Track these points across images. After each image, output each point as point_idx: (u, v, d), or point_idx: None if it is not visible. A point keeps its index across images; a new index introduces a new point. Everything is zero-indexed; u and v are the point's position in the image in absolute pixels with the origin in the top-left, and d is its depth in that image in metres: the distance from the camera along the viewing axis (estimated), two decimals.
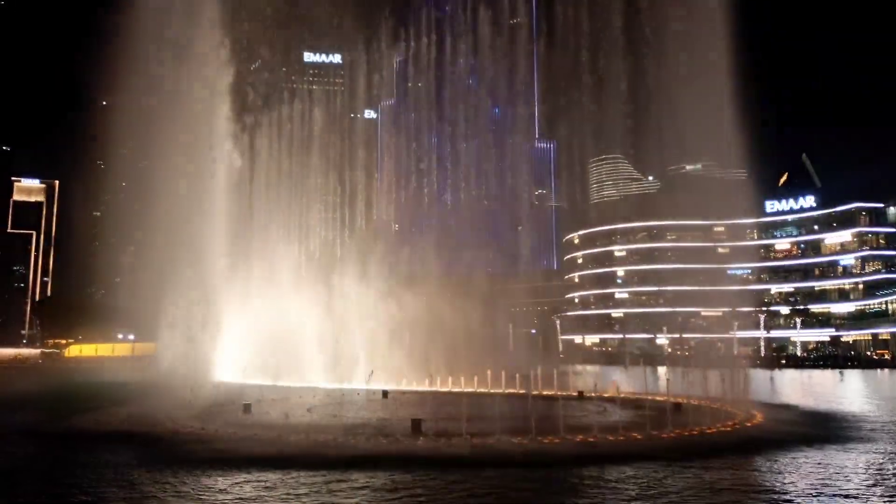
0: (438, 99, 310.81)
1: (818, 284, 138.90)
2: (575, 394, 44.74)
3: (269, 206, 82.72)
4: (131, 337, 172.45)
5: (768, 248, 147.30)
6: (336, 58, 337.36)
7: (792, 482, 17.23)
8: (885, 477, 18.15)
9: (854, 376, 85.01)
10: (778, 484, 17.16)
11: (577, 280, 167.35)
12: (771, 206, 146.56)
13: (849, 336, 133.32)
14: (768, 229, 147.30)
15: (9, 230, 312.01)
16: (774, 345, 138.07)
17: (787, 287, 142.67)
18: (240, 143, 74.75)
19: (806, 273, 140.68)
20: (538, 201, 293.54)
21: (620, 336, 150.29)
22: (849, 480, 17.57)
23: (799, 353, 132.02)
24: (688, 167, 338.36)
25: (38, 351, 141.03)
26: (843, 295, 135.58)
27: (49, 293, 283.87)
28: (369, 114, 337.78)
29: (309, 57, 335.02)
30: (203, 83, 68.80)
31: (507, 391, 44.71)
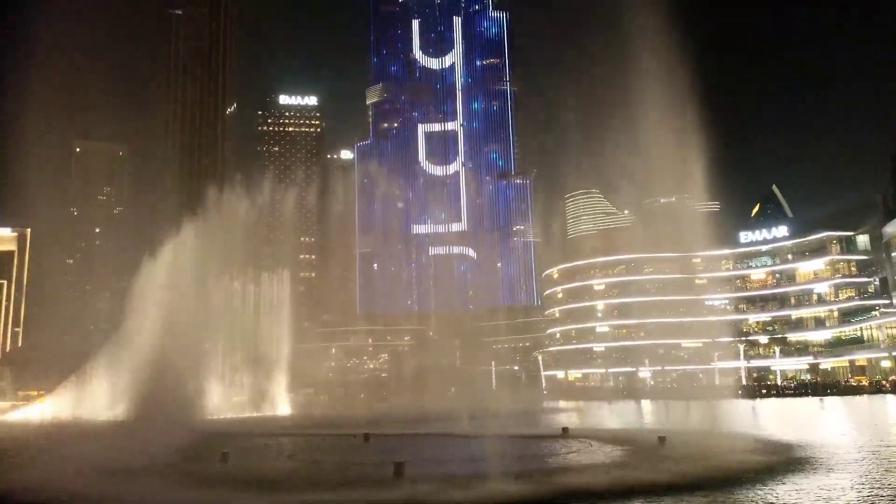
0: (412, 138, 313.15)
1: (794, 313, 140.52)
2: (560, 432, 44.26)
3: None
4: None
5: (744, 277, 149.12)
6: (312, 100, 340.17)
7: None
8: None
9: (835, 403, 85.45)
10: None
11: (557, 315, 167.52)
12: (745, 236, 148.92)
13: (827, 363, 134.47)
14: (743, 259, 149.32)
15: None
16: (755, 374, 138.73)
17: (765, 316, 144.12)
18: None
19: (782, 302, 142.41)
20: (517, 236, 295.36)
21: (603, 370, 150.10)
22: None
23: (779, 382, 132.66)
24: (662, 200, 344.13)
25: (9, 404, 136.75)
26: (819, 322, 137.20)
27: (20, 343, 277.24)
28: (346, 154, 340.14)
29: (284, 99, 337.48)
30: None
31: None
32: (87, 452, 32.55)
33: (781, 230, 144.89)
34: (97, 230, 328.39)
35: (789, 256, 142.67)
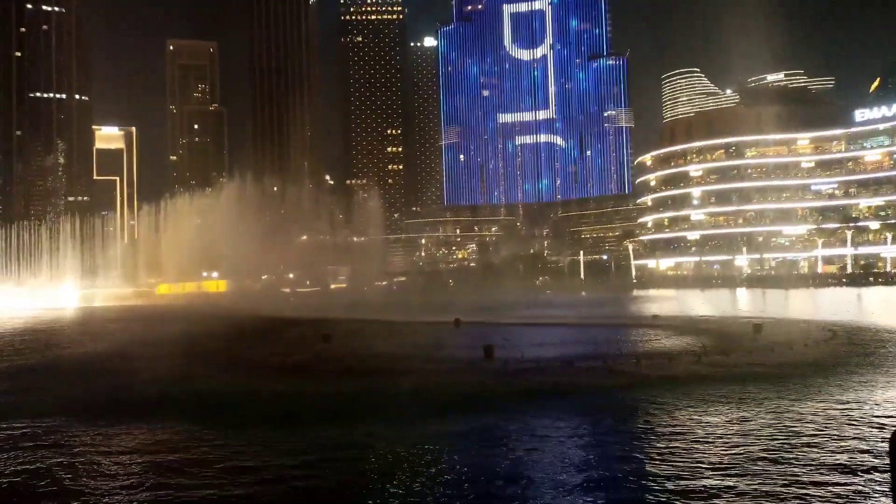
0: (497, 20, 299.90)
1: None
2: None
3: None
4: (215, 275, 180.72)
5: (857, 159, 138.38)
6: None
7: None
8: None
9: None
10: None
11: (649, 203, 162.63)
12: (861, 115, 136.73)
13: None
14: (857, 139, 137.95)
15: (95, 177, 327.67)
16: (862, 262, 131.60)
17: (878, 200, 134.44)
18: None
19: None
20: (609, 122, 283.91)
21: (696, 259, 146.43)
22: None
23: (889, 269, 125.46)
24: (769, 77, 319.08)
25: (131, 290, 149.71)
26: None
27: (136, 236, 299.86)
28: (429, 41, 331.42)
29: None
30: None
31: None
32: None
33: None
34: (196, 126, 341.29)
35: None
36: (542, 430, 14.17)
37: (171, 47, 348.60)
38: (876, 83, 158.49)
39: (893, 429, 12.04)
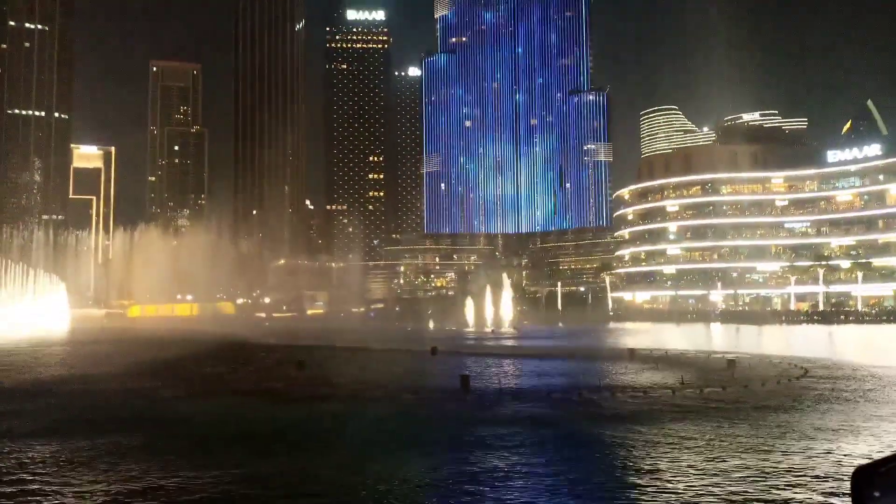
0: (481, 53, 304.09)
1: (882, 237, 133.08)
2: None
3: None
4: (189, 297, 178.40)
5: (829, 199, 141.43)
6: (379, 14, 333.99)
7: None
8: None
9: None
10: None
11: (627, 236, 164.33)
12: (833, 155, 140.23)
13: None
14: (829, 179, 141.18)
15: (70, 196, 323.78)
16: (833, 300, 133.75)
17: (849, 240, 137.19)
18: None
19: (869, 225, 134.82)
20: (588, 156, 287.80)
21: (672, 293, 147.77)
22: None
23: (860, 308, 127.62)
24: (745, 117, 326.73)
25: (103, 311, 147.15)
26: None
27: (110, 256, 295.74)
28: (413, 71, 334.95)
29: (352, 14, 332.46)
30: None
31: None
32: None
33: (874, 148, 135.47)
34: (176, 148, 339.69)
35: (881, 177, 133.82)
36: (506, 467, 14.03)
37: (155, 68, 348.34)
38: (848, 125, 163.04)
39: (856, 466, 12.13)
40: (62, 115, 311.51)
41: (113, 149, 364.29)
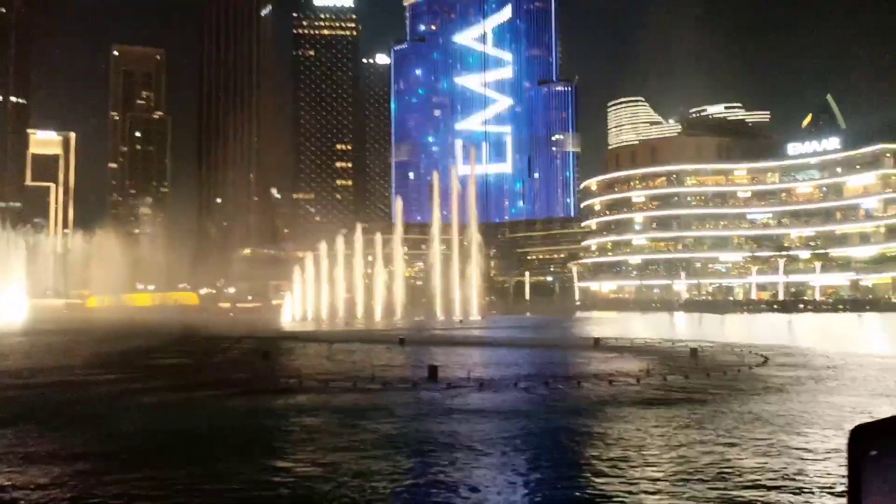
0: (450, 42, 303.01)
1: (839, 228, 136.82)
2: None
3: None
4: (151, 287, 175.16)
5: (790, 191, 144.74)
6: (347, 0, 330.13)
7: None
8: None
9: (874, 319, 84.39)
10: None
11: (594, 227, 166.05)
12: (794, 148, 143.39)
13: (869, 280, 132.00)
14: (790, 172, 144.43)
15: (27, 183, 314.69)
16: (793, 289, 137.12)
17: (808, 231, 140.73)
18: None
19: (827, 217, 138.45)
20: (556, 146, 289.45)
21: (637, 283, 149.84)
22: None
23: (818, 298, 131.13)
24: (709, 109, 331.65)
25: (62, 302, 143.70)
26: (864, 239, 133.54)
27: (69, 245, 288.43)
28: (382, 59, 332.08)
29: (319, 1, 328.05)
30: None
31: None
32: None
33: (833, 142, 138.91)
34: (138, 134, 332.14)
35: (839, 170, 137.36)
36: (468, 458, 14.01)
37: (117, 52, 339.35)
38: (808, 119, 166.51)
39: (852, 428, 12.39)
40: (19, 100, 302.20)
41: (73, 134, 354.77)
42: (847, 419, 17.10)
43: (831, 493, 11.05)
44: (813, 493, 11.14)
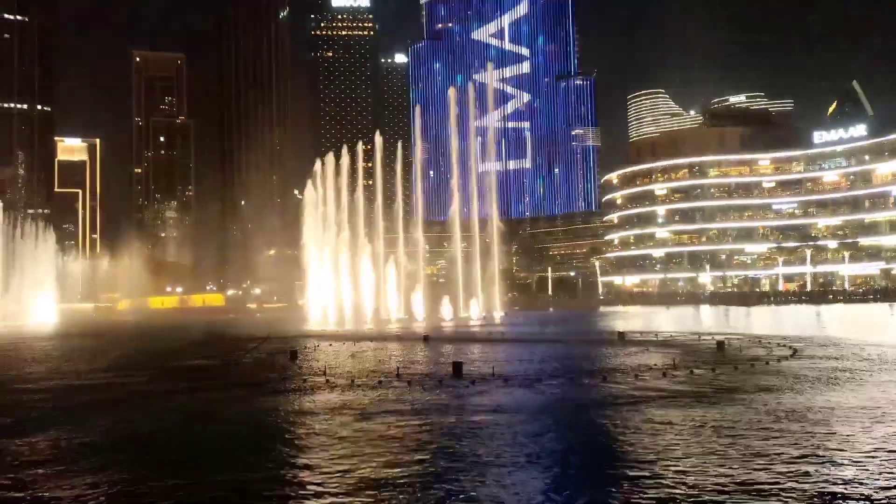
0: (468, 39, 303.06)
1: (868, 217, 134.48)
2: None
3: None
4: (179, 290, 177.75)
5: (816, 180, 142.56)
6: (364, 0, 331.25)
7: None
8: None
9: None
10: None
11: (616, 220, 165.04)
12: (819, 136, 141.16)
13: None
14: (816, 161, 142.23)
15: (56, 189, 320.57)
16: (821, 280, 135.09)
17: (836, 220, 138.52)
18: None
19: (855, 205, 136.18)
20: (576, 140, 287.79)
21: (661, 276, 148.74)
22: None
23: (847, 287, 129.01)
24: (731, 99, 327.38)
25: (91, 305, 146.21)
26: (893, 227, 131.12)
27: (98, 249, 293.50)
28: (400, 57, 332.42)
29: (337, 1, 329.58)
30: None
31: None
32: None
33: (860, 129, 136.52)
34: (162, 139, 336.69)
35: (866, 157, 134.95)
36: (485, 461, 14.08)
37: (138, 59, 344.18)
38: (833, 106, 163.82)
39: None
40: (45, 108, 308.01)
41: (98, 141, 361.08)
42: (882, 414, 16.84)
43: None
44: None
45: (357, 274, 76.97)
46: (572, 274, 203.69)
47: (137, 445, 15.02)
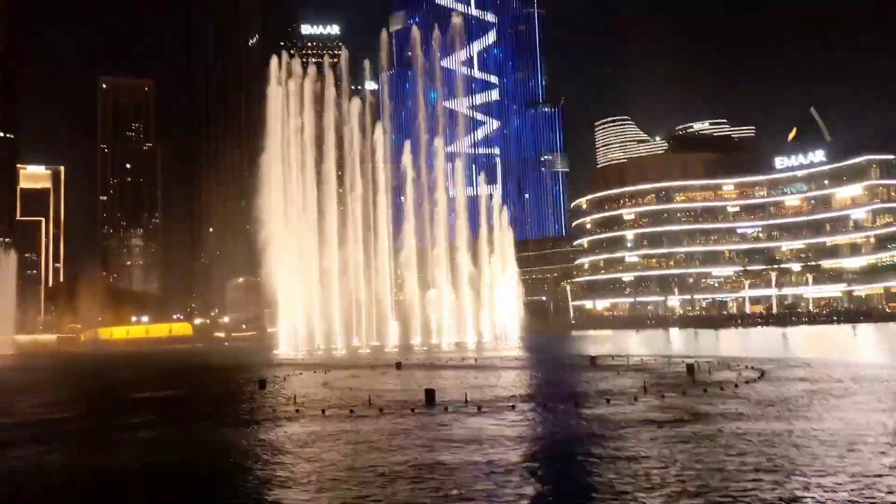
0: (437, 68, 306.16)
1: (829, 240, 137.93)
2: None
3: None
4: (145, 319, 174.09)
5: (778, 204, 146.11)
6: (334, 29, 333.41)
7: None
8: None
9: (868, 330, 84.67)
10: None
11: (585, 245, 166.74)
12: (781, 162, 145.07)
13: (861, 290, 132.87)
14: (778, 186, 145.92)
15: (18, 217, 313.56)
16: (786, 302, 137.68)
17: (798, 243, 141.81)
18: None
19: (817, 229, 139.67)
20: (545, 167, 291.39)
21: (631, 300, 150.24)
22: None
23: (811, 310, 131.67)
24: (695, 126, 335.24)
25: (54, 336, 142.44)
26: (854, 249, 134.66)
27: (61, 279, 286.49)
28: (370, 85, 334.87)
29: (306, 29, 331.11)
30: None
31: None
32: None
33: (819, 154, 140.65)
34: (128, 166, 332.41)
35: (826, 182, 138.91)
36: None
37: (104, 85, 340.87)
38: (793, 133, 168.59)
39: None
40: (7, 135, 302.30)
41: (62, 168, 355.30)
42: (861, 438, 17.00)
43: None
44: None
45: (329, 301, 76.36)
46: (543, 298, 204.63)
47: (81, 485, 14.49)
